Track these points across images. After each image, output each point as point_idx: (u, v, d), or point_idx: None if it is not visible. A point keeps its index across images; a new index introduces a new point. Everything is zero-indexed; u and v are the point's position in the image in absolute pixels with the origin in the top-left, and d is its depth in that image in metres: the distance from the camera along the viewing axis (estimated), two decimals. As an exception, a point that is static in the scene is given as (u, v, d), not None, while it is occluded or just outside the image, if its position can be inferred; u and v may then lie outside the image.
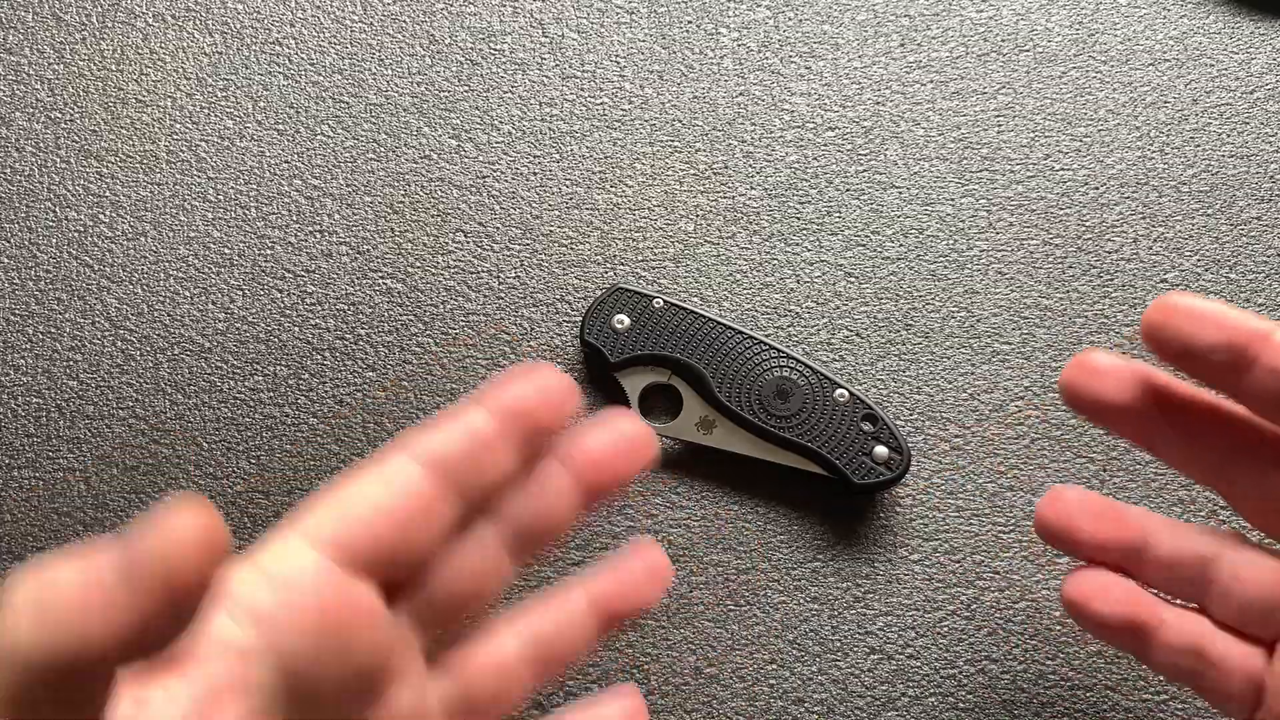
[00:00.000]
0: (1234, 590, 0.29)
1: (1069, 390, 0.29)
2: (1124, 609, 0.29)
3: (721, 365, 0.38)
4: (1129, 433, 0.29)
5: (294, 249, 0.41)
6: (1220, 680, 0.29)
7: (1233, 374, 0.26)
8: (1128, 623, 0.29)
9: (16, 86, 0.43)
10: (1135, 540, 0.30)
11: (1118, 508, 0.30)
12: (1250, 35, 0.43)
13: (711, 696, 0.36)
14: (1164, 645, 0.29)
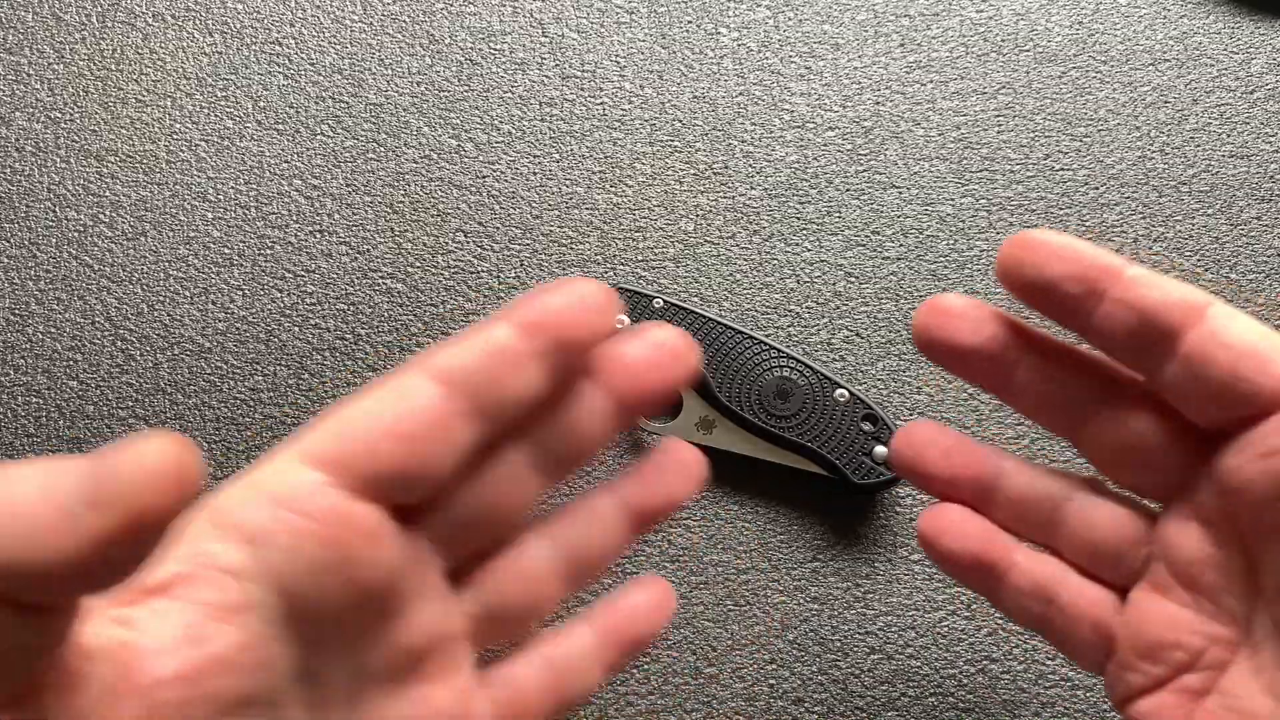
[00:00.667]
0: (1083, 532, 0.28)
1: (921, 334, 0.28)
2: (975, 546, 0.29)
3: (721, 365, 0.38)
4: (982, 379, 0.28)
5: (294, 249, 0.41)
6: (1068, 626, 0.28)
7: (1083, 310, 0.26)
8: (978, 560, 0.29)
9: (16, 86, 0.43)
10: (986, 476, 0.29)
11: (969, 444, 0.29)
12: (1250, 35, 0.43)
13: (711, 696, 0.36)
14: (1013, 587, 0.29)
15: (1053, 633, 0.29)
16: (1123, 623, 0.28)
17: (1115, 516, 0.28)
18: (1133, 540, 0.28)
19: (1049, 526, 0.29)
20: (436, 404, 0.24)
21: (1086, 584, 0.29)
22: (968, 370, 0.28)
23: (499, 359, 0.24)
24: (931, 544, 0.30)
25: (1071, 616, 0.28)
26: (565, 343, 0.24)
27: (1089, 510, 0.29)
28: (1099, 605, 0.28)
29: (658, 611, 0.29)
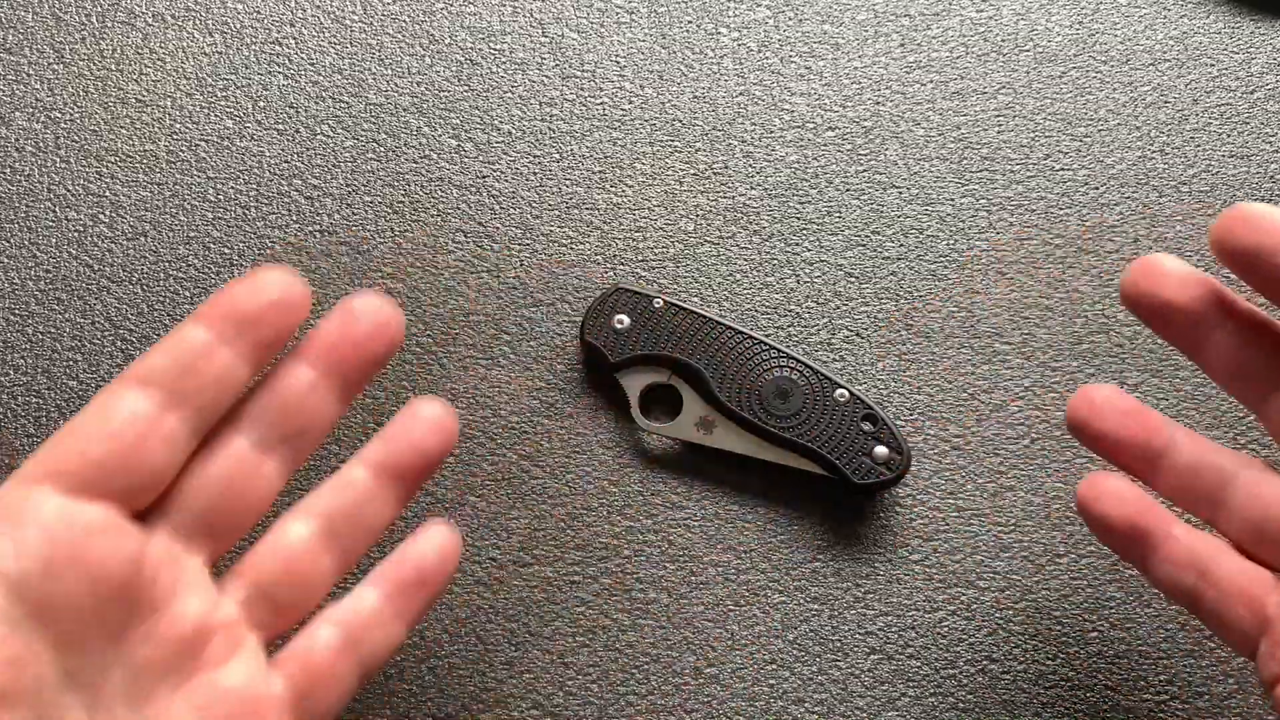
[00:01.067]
0: (1249, 509, 0.28)
1: (1131, 290, 0.29)
2: (1133, 513, 0.29)
3: (721, 365, 0.38)
4: (1183, 338, 0.29)
5: (294, 249, 0.41)
6: (1221, 603, 0.28)
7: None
8: (1134, 528, 0.29)
9: (16, 86, 0.43)
10: (1157, 442, 0.29)
11: (1145, 410, 0.30)
12: (1250, 35, 0.43)
13: (711, 696, 0.36)
14: (1168, 558, 0.29)
15: (1203, 607, 0.29)
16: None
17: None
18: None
19: (1214, 501, 0.29)
20: (140, 404, 0.26)
21: (1245, 561, 0.28)
22: (1168, 328, 0.29)
23: (192, 354, 0.26)
24: (1090, 508, 0.30)
25: (1226, 591, 0.28)
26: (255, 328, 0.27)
27: (1260, 486, 0.28)
28: (1256, 583, 0.28)
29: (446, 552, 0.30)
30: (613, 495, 0.38)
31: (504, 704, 0.36)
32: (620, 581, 0.37)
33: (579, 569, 0.37)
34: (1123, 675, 0.36)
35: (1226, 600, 0.28)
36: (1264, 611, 0.28)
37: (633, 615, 0.37)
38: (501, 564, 0.37)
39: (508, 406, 0.39)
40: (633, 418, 0.38)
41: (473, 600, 0.37)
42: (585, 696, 0.36)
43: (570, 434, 0.38)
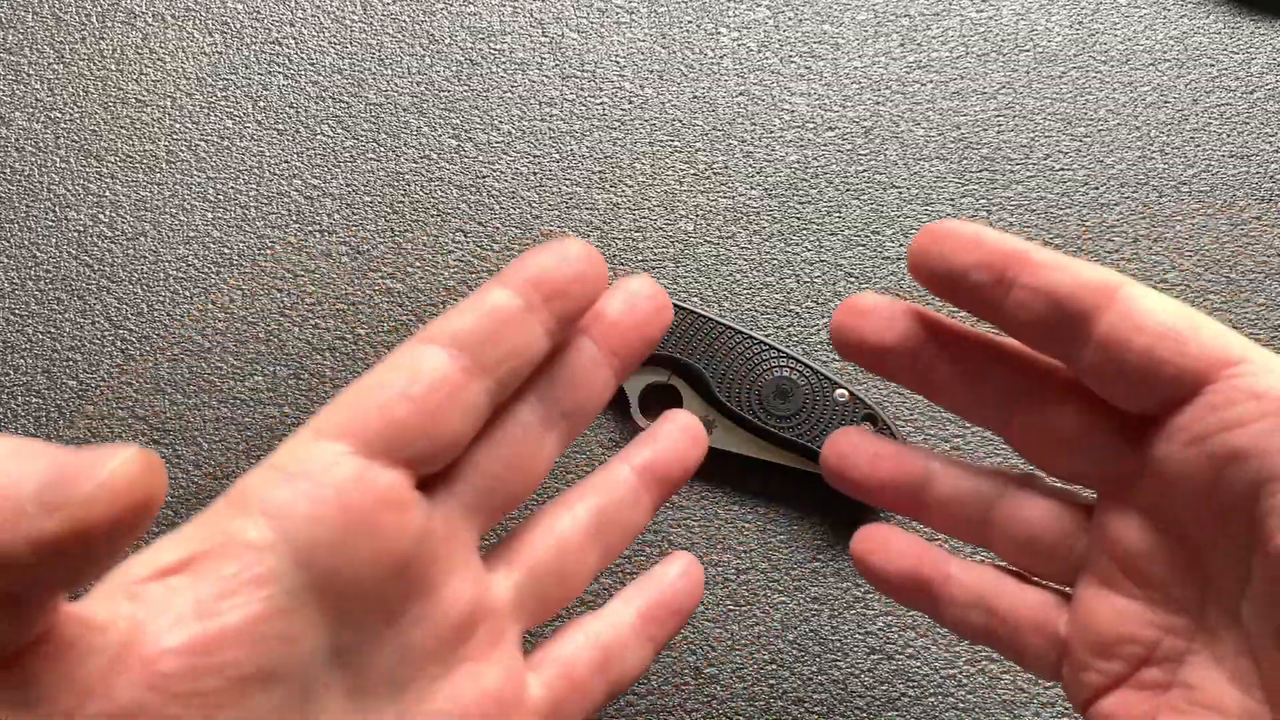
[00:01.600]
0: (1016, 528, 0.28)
1: (838, 335, 0.28)
2: (907, 564, 0.29)
3: (721, 365, 0.38)
4: (903, 376, 0.28)
5: (294, 249, 0.41)
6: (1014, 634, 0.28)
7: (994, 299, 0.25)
8: (911, 578, 0.29)
9: (16, 86, 0.43)
10: (915, 479, 0.28)
11: (895, 447, 0.29)
12: (1250, 35, 0.43)
13: (711, 696, 0.36)
14: (951, 601, 0.28)
15: (1000, 643, 0.28)
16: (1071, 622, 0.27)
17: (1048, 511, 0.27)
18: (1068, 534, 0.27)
19: (982, 525, 0.28)
20: (446, 367, 0.24)
21: (1025, 588, 0.28)
22: (887, 369, 0.28)
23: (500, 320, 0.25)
24: (864, 564, 0.29)
25: (1014, 623, 0.28)
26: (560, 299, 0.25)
27: (1021, 506, 0.28)
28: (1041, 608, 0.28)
29: (692, 583, 0.29)
30: (613, 495, 0.38)
31: (504, 704, 0.36)
32: (620, 582, 0.37)
33: (579, 569, 0.37)
34: (1123, 675, 0.36)
35: (1019, 633, 0.28)
36: (1056, 635, 0.27)
37: (633, 615, 0.37)
38: (501, 564, 0.37)
39: (508, 406, 0.39)
40: (633, 418, 0.38)
41: (473, 600, 0.37)
42: (585, 696, 0.36)
43: (570, 434, 0.39)
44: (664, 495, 0.29)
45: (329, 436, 0.24)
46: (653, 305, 0.28)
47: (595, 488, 0.28)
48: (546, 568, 0.27)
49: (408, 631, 0.24)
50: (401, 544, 0.24)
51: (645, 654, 0.28)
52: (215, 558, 0.22)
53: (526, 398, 0.26)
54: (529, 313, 0.25)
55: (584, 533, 0.28)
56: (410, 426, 0.24)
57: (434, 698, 0.25)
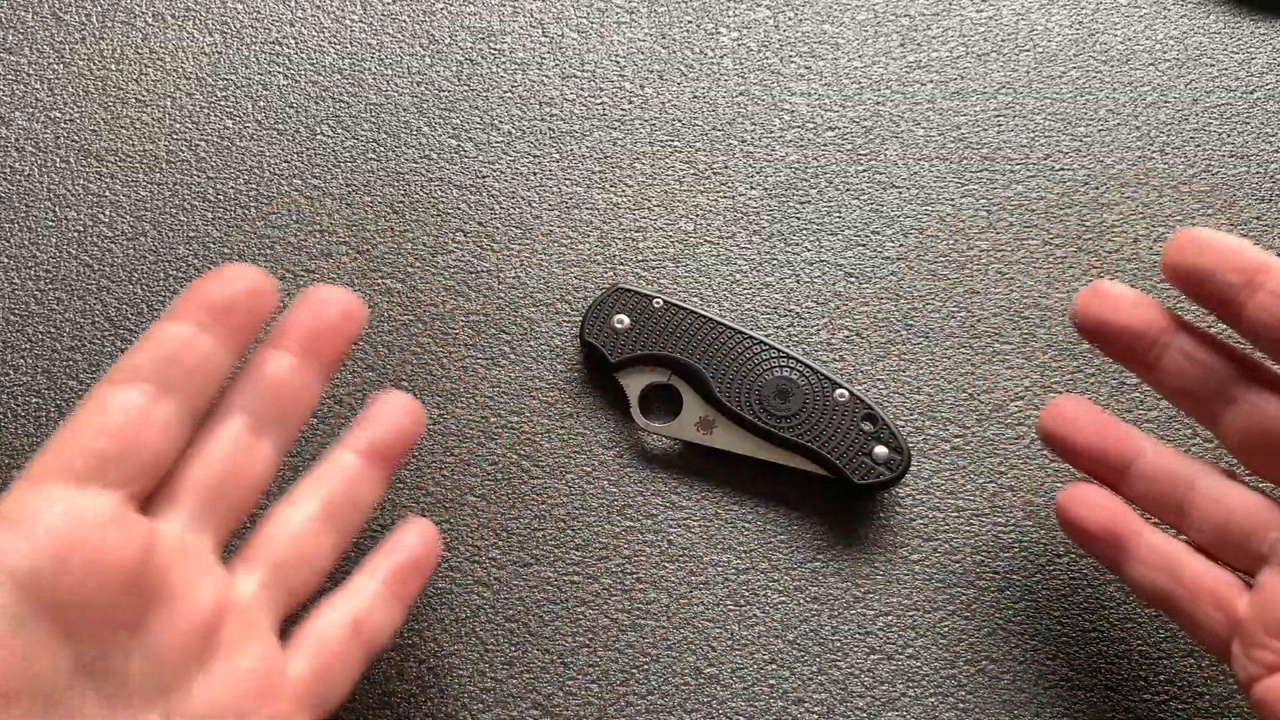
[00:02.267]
0: (1213, 513, 0.30)
1: (1083, 314, 0.31)
2: (1108, 519, 0.31)
3: (721, 365, 0.38)
4: (1132, 359, 0.31)
5: (294, 249, 0.41)
6: (1192, 603, 0.30)
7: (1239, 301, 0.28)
8: (1109, 533, 0.31)
9: (16, 86, 0.43)
10: (1126, 452, 0.31)
11: (1113, 421, 0.32)
12: (1250, 35, 0.43)
13: (711, 696, 0.36)
14: (1141, 560, 0.31)
15: (1176, 608, 0.30)
16: (1251, 602, 0.29)
17: (1246, 500, 0.30)
18: (1263, 525, 0.29)
19: (1180, 507, 0.31)
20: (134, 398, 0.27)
21: (1212, 565, 0.30)
22: (1120, 349, 0.31)
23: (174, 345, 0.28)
24: (1067, 515, 0.32)
25: (1196, 592, 0.30)
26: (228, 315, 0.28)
27: (1221, 492, 0.30)
28: (1224, 585, 0.30)
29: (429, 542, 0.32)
30: (613, 495, 0.38)
31: (504, 704, 0.36)
32: (620, 581, 0.37)
33: (579, 569, 0.37)
34: (1123, 675, 0.36)
35: (1197, 601, 0.30)
36: (1234, 613, 0.29)
37: (633, 615, 0.37)
38: (501, 564, 0.37)
39: (508, 406, 0.39)
40: (633, 418, 0.38)
41: (473, 600, 0.37)
42: (585, 696, 0.36)
43: (570, 434, 0.38)
44: (391, 467, 0.32)
45: (39, 480, 0.26)
46: (339, 308, 0.31)
47: (320, 478, 0.31)
48: (286, 559, 0.30)
49: (154, 638, 0.27)
50: (123, 559, 0.26)
51: (395, 612, 0.31)
52: None
53: (230, 411, 0.29)
54: (200, 333, 0.28)
55: (316, 521, 0.30)
56: (110, 452, 0.26)
57: (195, 694, 0.27)
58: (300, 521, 0.30)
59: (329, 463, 0.31)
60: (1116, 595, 0.37)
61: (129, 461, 0.27)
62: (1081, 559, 0.37)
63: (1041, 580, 0.37)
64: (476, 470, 0.38)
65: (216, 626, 0.28)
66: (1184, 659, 0.36)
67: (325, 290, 0.31)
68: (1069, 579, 0.37)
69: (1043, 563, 0.37)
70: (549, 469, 0.38)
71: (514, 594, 0.37)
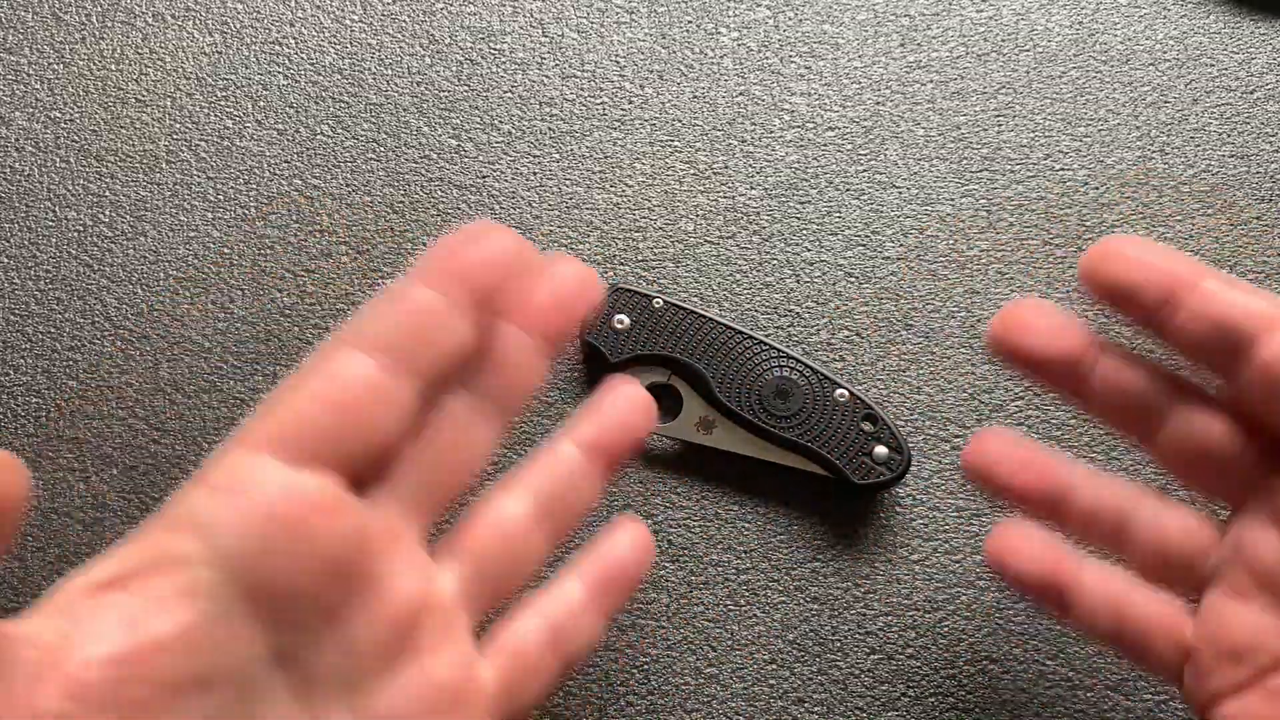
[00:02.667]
0: (1151, 541, 0.29)
1: (998, 343, 0.29)
2: (1042, 568, 0.30)
3: (721, 365, 0.38)
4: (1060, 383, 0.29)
5: (294, 249, 0.41)
6: (1140, 638, 0.29)
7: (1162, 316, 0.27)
8: (1046, 581, 0.30)
9: (16, 86, 0.43)
10: (1056, 489, 0.30)
11: (1041, 456, 0.30)
12: (1250, 35, 0.43)
13: (711, 696, 0.36)
14: (1083, 605, 0.29)
15: (1125, 645, 0.29)
16: (1198, 628, 0.28)
17: (1185, 523, 0.29)
18: (1203, 547, 0.28)
19: (1117, 536, 0.29)
20: (369, 370, 0.24)
21: (1155, 594, 0.29)
22: (1046, 376, 0.29)
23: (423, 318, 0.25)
24: (1000, 565, 0.30)
25: (1143, 626, 0.29)
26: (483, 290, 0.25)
27: (1157, 517, 0.29)
28: (1170, 614, 0.29)
29: (641, 550, 0.30)
30: (613, 495, 0.38)
31: (504, 704, 0.36)
32: (620, 581, 0.37)
33: (579, 569, 0.37)
34: (1123, 675, 0.36)
35: (1145, 635, 0.29)
36: (1182, 640, 0.28)
37: (633, 615, 0.37)
38: (501, 564, 0.37)
39: (508, 406, 0.39)
40: (633, 418, 0.38)
41: (473, 600, 0.37)
42: (585, 696, 0.36)
43: (570, 434, 0.38)
44: (614, 468, 0.29)
45: (255, 448, 0.24)
46: (578, 284, 0.28)
47: (540, 469, 0.28)
48: (493, 556, 0.27)
49: (351, 630, 0.25)
50: (334, 547, 0.24)
51: (596, 625, 0.29)
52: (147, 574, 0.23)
53: (456, 390, 0.27)
54: (452, 308, 0.25)
55: (529, 517, 0.28)
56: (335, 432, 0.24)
57: (384, 692, 0.25)
58: (513, 515, 0.27)
59: (550, 453, 0.28)
60: (1116, 595, 0.37)
61: (356, 443, 0.24)
62: (1081, 559, 0.37)
63: (1041, 580, 0.37)
64: (476, 470, 0.38)
65: (415, 624, 0.26)
66: (1184, 659, 0.36)
67: (563, 265, 0.28)
68: (1069, 579, 0.37)
69: (1043, 563, 0.37)
70: (549, 469, 0.38)
71: (514, 594, 0.37)
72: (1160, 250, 0.27)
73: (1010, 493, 0.30)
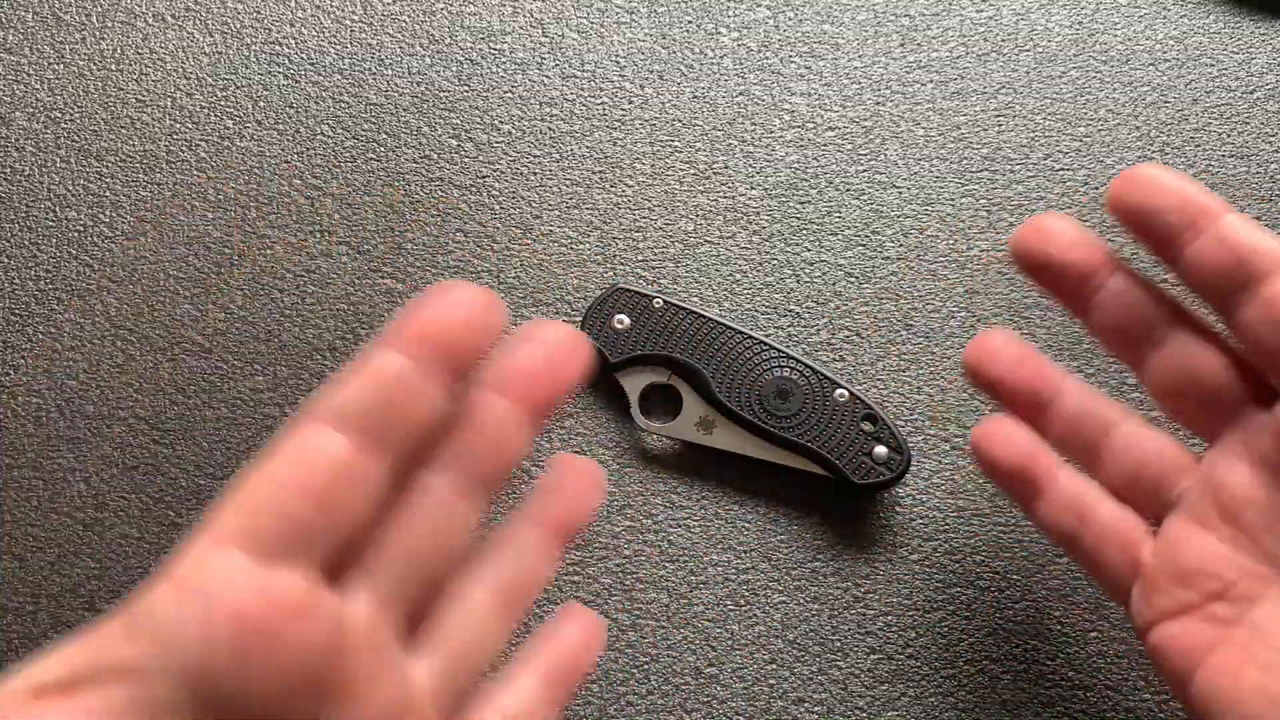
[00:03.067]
0: (1126, 456, 0.30)
1: (1021, 248, 0.30)
2: (1020, 456, 0.31)
3: (721, 365, 0.38)
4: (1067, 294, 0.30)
5: (294, 249, 0.41)
6: (1097, 545, 0.30)
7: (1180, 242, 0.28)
8: (1021, 470, 0.31)
9: (16, 86, 0.43)
10: (1047, 389, 0.31)
11: (1037, 358, 0.31)
12: (1250, 35, 0.43)
13: (711, 696, 0.36)
14: (1051, 500, 0.30)
15: (1080, 550, 0.30)
16: (1155, 548, 0.29)
17: (1160, 446, 0.30)
18: (1174, 471, 0.29)
19: (1095, 448, 0.30)
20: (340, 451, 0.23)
21: (1121, 508, 0.30)
22: (1056, 283, 0.30)
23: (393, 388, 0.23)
24: (981, 450, 0.31)
25: (1102, 534, 0.30)
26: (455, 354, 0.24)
27: (1137, 435, 0.30)
28: (1131, 528, 0.30)
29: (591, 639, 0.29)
30: (613, 495, 0.38)
31: (504, 704, 0.36)
32: (620, 581, 0.37)
33: (579, 569, 0.37)
34: (1123, 675, 0.36)
35: (1102, 543, 0.30)
36: (1137, 556, 0.29)
37: (633, 615, 0.37)
38: (501, 564, 0.37)
39: (508, 406, 0.39)
40: (633, 418, 0.38)
41: (473, 600, 0.37)
42: (585, 696, 0.36)
43: (570, 434, 0.38)
44: (566, 543, 0.28)
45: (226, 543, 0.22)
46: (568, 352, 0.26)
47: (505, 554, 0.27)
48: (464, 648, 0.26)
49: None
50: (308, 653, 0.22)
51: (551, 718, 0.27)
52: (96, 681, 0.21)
53: (436, 467, 0.25)
54: (423, 375, 0.23)
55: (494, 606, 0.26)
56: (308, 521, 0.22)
57: None
58: (480, 604, 0.26)
59: (513, 536, 0.27)
60: (1116, 595, 0.37)
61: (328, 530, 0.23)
62: (1081, 559, 0.37)
63: (1041, 580, 0.37)
64: (476, 470, 0.38)
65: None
66: (1184, 659, 0.36)
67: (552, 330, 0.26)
68: (1069, 579, 0.37)
69: (1043, 563, 0.37)
70: (549, 469, 0.38)
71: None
72: (1188, 180, 0.28)
73: (1002, 386, 0.31)
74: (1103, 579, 0.30)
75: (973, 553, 0.37)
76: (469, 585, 0.26)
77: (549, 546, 0.27)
